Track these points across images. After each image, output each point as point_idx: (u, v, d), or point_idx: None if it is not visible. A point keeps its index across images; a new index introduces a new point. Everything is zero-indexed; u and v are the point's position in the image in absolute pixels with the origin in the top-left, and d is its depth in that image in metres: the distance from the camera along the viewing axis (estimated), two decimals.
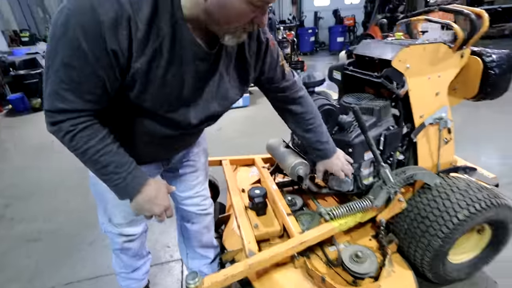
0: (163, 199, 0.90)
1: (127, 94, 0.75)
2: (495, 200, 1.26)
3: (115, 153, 0.80)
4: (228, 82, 0.91)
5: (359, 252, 1.36)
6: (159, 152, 1.06)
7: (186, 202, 1.32)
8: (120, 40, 0.65)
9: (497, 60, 1.31)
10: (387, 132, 1.34)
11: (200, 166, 1.29)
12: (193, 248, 1.47)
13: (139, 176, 0.85)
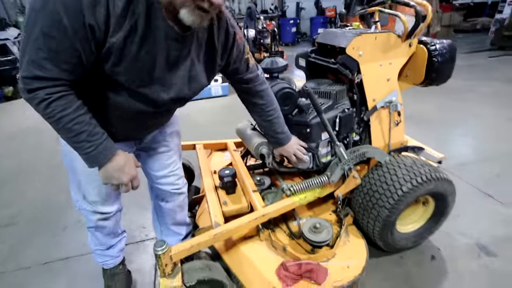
0: (131, 168, 0.96)
1: (102, 66, 0.80)
2: (435, 174, 1.42)
3: (87, 123, 0.85)
4: (198, 68, 0.99)
5: (317, 223, 1.49)
6: (131, 129, 1.09)
7: (160, 181, 1.38)
8: (97, 16, 0.71)
9: (439, 49, 1.45)
10: (342, 114, 1.46)
11: (173, 146, 1.36)
12: (166, 225, 1.53)
13: (110, 147, 0.91)
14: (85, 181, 1.14)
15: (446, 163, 2.39)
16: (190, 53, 0.94)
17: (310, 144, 1.46)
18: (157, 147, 1.30)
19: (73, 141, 0.85)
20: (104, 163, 0.90)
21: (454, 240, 1.75)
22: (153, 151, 1.30)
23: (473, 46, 7.63)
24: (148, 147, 1.29)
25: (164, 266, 1.11)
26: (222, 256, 1.52)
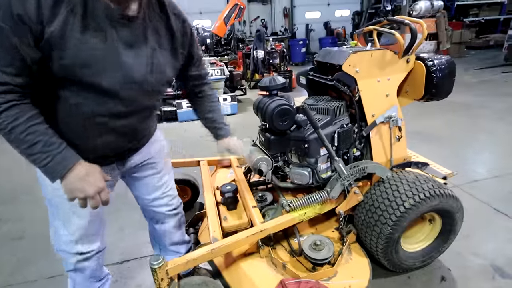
0: (96, 180, 0.88)
1: (51, 66, 0.77)
2: (438, 190, 1.39)
3: (42, 133, 0.80)
4: (161, 57, 0.96)
5: (317, 241, 1.46)
6: (108, 143, 1.01)
7: (154, 204, 1.32)
8: (27, 6, 0.70)
9: (438, 64, 1.46)
10: (341, 129, 1.47)
11: (162, 166, 1.29)
12: (164, 245, 1.48)
13: (69, 156, 0.85)
14: (63, 216, 1.07)
15: (458, 180, 2.33)
16: (148, 40, 0.91)
17: (309, 160, 1.46)
18: (144, 169, 1.23)
19: (28, 153, 0.80)
20: (64, 174, 0.83)
21: (466, 260, 1.66)
22: (141, 174, 1.24)
23: (486, 62, 7.54)
24: (135, 171, 1.21)
25: (160, 280, 1.12)
26: (222, 273, 1.51)
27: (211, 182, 1.91)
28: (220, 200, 1.74)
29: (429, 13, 6.68)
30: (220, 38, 7.76)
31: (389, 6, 7.72)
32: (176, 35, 1.00)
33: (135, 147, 1.14)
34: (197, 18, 10.16)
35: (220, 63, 5.01)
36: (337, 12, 11.52)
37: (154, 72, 0.95)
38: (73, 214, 1.05)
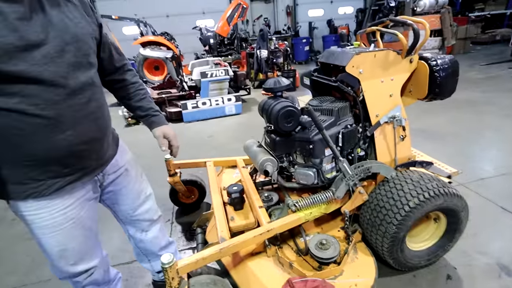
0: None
1: None
2: (443, 189, 1.40)
3: None
4: (65, 18, 0.89)
5: (323, 240, 1.49)
6: (80, 149, 0.96)
7: (138, 212, 1.31)
8: None
9: (441, 64, 1.47)
10: (345, 130, 1.49)
11: (136, 172, 1.29)
12: (154, 254, 1.46)
13: None
14: (52, 246, 1.03)
15: (464, 179, 2.33)
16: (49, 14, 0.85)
17: (314, 160, 1.48)
18: (121, 181, 1.21)
19: None
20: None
21: (472, 259, 1.67)
22: (119, 186, 1.22)
23: (492, 58, 7.44)
24: (113, 185, 1.19)
25: (170, 279, 1.15)
26: (230, 272, 1.54)
27: (217, 183, 1.95)
28: (227, 200, 1.77)
29: (433, 9, 6.61)
30: (223, 38, 7.78)
31: (392, 2, 7.66)
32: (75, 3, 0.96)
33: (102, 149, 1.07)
34: (200, 18, 10.20)
35: (224, 64, 5.04)
36: (340, 9, 11.45)
37: (70, 41, 0.89)
38: (53, 238, 1.01)
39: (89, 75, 0.98)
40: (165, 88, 5.53)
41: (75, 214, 1.03)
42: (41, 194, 0.94)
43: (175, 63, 5.02)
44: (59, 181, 0.96)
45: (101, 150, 1.08)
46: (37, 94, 0.83)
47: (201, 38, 7.86)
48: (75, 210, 1.03)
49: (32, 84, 0.82)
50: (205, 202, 2.42)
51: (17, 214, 0.99)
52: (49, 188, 0.94)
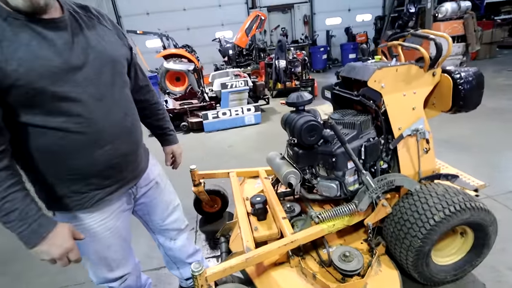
0: (65, 240, 0.89)
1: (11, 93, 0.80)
2: (469, 203, 1.38)
3: (20, 200, 0.82)
4: (102, 42, 0.99)
5: (347, 252, 1.50)
6: (119, 162, 1.04)
7: (167, 222, 1.38)
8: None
9: (464, 77, 1.47)
10: (367, 143, 1.51)
11: (165, 184, 1.36)
12: (183, 262, 1.52)
13: (45, 224, 0.86)
14: (94, 252, 1.12)
15: (492, 191, 2.26)
16: (89, 38, 0.95)
17: (337, 173, 1.51)
18: (152, 193, 1.29)
19: (4, 221, 0.81)
20: (37, 243, 0.84)
21: (501, 275, 1.62)
22: (150, 198, 1.29)
23: None
24: (145, 195, 1.27)
25: (199, 286, 1.21)
26: (253, 281, 1.58)
27: (241, 193, 2.01)
28: (250, 210, 1.83)
29: (455, 14, 6.46)
30: (242, 49, 7.97)
31: (412, 8, 7.55)
32: (108, 27, 1.07)
33: (136, 161, 1.15)
34: (219, 29, 10.49)
35: (243, 75, 5.17)
36: (358, 17, 11.40)
37: (106, 62, 0.99)
38: (92, 247, 1.10)
39: (124, 93, 1.08)
40: (186, 98, 5.72)
41: (112, 225, 1.12)
42: (83, 206, 1.03)
43: (196, 75, 5.20)
44: (99, 193, 1.04)
45: (135, 162, 1.16)
46: (79, 113, 0.91)
47: (220, 49, 8.09)
48: (112, 221, 1.12)
49: (75, 104, 0.90)
50: (228, 212, 2.49)
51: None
52: (90, 200, 1.03)
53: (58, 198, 0.99)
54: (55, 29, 0.88)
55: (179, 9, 10.19)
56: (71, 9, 0.96)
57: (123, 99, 1.07)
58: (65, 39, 0.89)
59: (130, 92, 1.14)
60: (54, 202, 1.01)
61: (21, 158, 0.91)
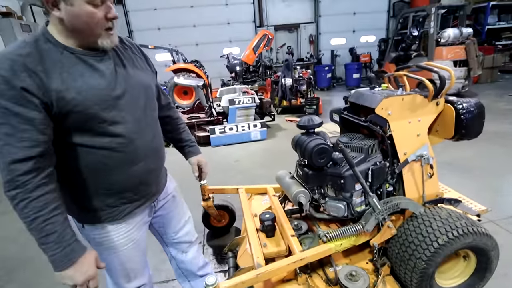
0: (89, 268, 0.94)
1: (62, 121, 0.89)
2: (472, 228, 1.45)
3: (60, 223, 0.87)
4: (138, 70, 1.11)
5: (353, 271, 1.56)
6: (144, 175, 1.12)
7: (179, 235, 1.45)
8: (22, 79, 0.82)
9: (466, 107, 1.57)
10: (375, 167, 1.59)
11: (180, 198, 1.44)
12: (194, 274, 1.57)
13: (77, 249, 0.92)
14: (119, 262, 1.18)
15: (493, 215, 2.31)
16: (127, 67, 1.06)
17: (345, 194, 1.59)
18: (168, 206, 1.36)
19: (41, 241, 0.86)
20: (66, 267, 0.89)
21: None
22: (167, 211, 1.36)
23: None
24: (162, 208, 1.34)
25: None
26: None
27: (249, 209, 2.08)
28: (258, 227, 1.89)
29: (457, 40, 6.66)
30: (249, 66, 8.19)
31: (415, 32, 7.78)
32: (139, 55, 1.19)
33: (160, 176, 1.25)
34: (227, 46, 10.81)
35: (251, 92, 5.32)
36: (363, 38, 11.73)
37: (141, 88, 1.10)
38: (116, 258, 1.16)
39: (154, 115, 1.20)
40: (194, 112, 5.86)
41: (135, 236, 1.19)
42: (113, 219, 1.10)
43: (205, 90, 5.35)
44: (129, 207, 1.13)
45: (159, 177, 1.26)
46: (121, 134, 1.01)
47: (228, 65, 8.32)
48: (135, 232, 1.19)
49: (118, 126, 1.00)
50: (234, 227, 2.54)
51: (88, 237, 1.15)
52: (120, 213, 1.11)
53: (91, 211, 1.07)
54: (102, 61, 0.99)
55: (189, 25, 10.56)
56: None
57: (153, 121, 1.18)
58: (111, 70, 1.01)
59: (157, 115, 1.25)
60: (87, 215, 1.09)
61: (65, 175, 0.99)
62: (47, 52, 0.89)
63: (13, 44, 0.89)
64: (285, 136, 5.27)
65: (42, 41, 0.90)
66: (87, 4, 0.88)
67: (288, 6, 11.07)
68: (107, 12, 0.92)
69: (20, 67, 0.83)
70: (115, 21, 0.97)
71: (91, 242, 1.16)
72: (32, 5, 7.34)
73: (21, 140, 0.83)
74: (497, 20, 10.03)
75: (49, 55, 0.89)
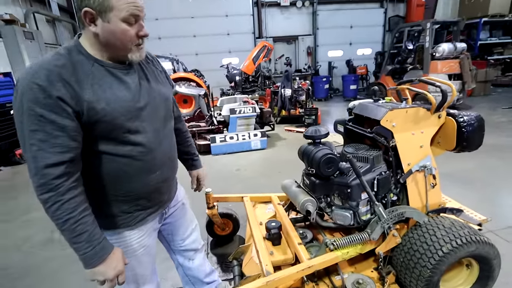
0: (118, 263, 1.00)
1: (91, 129, 0.94)
2: (474, 236, 1.49)
3: (90, 223, 0.93)
4: (158, 83, 1.17)
5: (360, 279, 1.59)
6: (159, 183, 1.16)
7: (186, 242, 1.48)
8: (58, 88, 0.87)
9: (467, 120, 1.64)
10: (380, 176, 1.64)
11: (188, 206, 1.48)
12: (201, 281, 1.59)
13: (107, 246, 0.98)
14: (130, 267, 1.18)
15: (493, 226, 2.36)
16: (148, 80, 1.11)
17: (351, 203, 1.63)
18: (177, 213, 1.40)
19: (73, 241, 0.91)
20: (97, 264, 0.94)
21: None
22: (175, 218, 1.40)
23: None
24: (172, 215, 1.38)
25: None
26: None
27: (255, 218, 2.10)
28: (264, 235, 1.91)
29: (452, 54, 6.87)
30: (248, 76, 8.31)
31: (410, 45, 8.00)
32: (161, 70, 1.26)
33: (172, 185, 1.30)
34: (227, 56, 10.97)
35: (252, 102, 5.40)
36: (359, 50, 12.00)
37: (160, 100, 1.16)
38: (134, 264, 1.18)
39: (171, 126, 1.25)
40: (194, 121, 5.90)
41: (146, 242, 1.22)
42: (127, 225, 1.13)
43: (206, 100, 5.42)
44: (142, 213, 1.16)
45: (172, 185, 1.31)
46: (142, 143, 1.06)
47: (228, 75, 8.43)
48: (146, 238, 1.22)
49: (140, 136, 1.05)
50: (238, 235, 2.55)
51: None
52: (134, 220, 1.14)
53: (108, 217, 1.10)
54: (128, 74, 1.05)
55: (190, 35, 10.72)
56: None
57: (170, 132, 1.24)
58: (136, 83, 1.06)
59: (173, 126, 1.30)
60: (103, 220, 1.10)
61: (87, 181, 1.02)
62: (79, 64, 0.94)
63: (48, 56, 0.94)
64: (285, 146, 5.33)
65: (75, 53, 0.96)
66: (122, 22, 0.94)
67: (287, 19, 11.32)
68: (139, 30, 0.98)
69: (55, 77, 0.88)
70: (145, 38, 1.02)
71: None
72: (35, 13, 7.42)
73: (54, 146, 0.87)
74: (489, 36, 10.38)
75: (82, 67, 0.94)
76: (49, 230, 2.87)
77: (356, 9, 11.49)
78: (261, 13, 10.98)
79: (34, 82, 0.86)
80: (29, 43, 6.53)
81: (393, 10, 11.71)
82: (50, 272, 2.30)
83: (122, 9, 0.92)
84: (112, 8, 0.92)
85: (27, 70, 0.89)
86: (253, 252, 1.94)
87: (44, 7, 8.19)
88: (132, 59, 1.01)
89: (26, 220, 3.12)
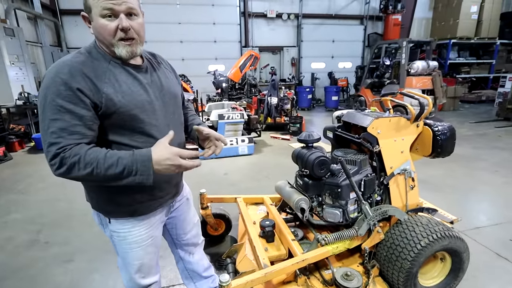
0: (166, 148, 1.02)
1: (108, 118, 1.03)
2: (448, 232, 1.69)
3: (115, 153, 0.99)
4: (168, 82, 1.27)
5: (348, 272, 1.73)
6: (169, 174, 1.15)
7: (188, 236, 1.54)
8: (78, 81, 0.97)
9: (441, 130, 1.86)
10: (366, 178, 1.82)
11: (191, 202, 1.55)
12: (199, 275, 1.67)
13: (143, 151, 1.01)
14: (132, 259, 1.26)
15: (462, 227, 2.61)
16: (160, 79, 1.21)
17: (341, 202, 1.78)
18: (182, 207, 1.47)
19: (119, 172, 0.96)
20: (152, 165, 0.99)
21: None
22: (180, 212, 1.47)
23: (480, 116, 8.15)
24: (177, 209, 1.45)
25: None
26: None
27: (249, 217, 2.20)
28: (259, 233, 2.02)
29: (425, 71, 7.42)
30: (234, 83, 8.46)
31: (388, 61, 8.53)
32: (170, 71, 1.37)
33: (180, 178, 1.39)
34: (213, 63, 11.08)
35: (240, 108, 5.53)
36: (340, 63, 12.55)
37: (170, 97, 1.26)
38: (136, 252, 1.25)
39: (180, 120, 1.36)
40: None
41: (153, 233, 1.30)
42: (138, 214, 1.21)
43: (195, 105, 5.48)
44: (154, 203, 1.25)
45: (179, 178, 1.40)
46: (155, 135, 1.14)
47: (214, 81, 8.52)
48: (154, 229, 1.30)
49: (153, 128, 1.15)
50: (230, 236, 2.63)
51: (112, 232, 1.24)
52: (146, 209, 1.23)
53: (121, 205, 1.18)
54: (141, 72, 1.16)
55: (176, 41, 10.75)
56: (147, 56, 1.26)
57: (179, 126, 1.34)
58: (147, 80, 1.17)
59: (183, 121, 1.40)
60: (116, 209, 1.19)
61: None
62: (97, 61, 1.06)
63: (70, 55, 1.05)
64: (271, 152, 5.48)
65: (94, 52, 1.08)
66: (101, 18, 1.02)
67: (273, 30, 11.66)
68: (119, 24, 1.03)
69: (76, 71, 0.99)
70: (130, 33, 1.05)
71: (115, 237, 1.24)
72: (17, 9, 7.19)
73: (72, 133, 0.96)
74: (457, 56, 11.27)
75: (100, 64, 1.06)
76: (32, 231, 2.81)
77: (338, 24, 12.05)
78: (248, 23, 11.24)
79: (58, 76, 0.96)
80: (9, 39, 6.33)
81: (372, 27, 12.41)
82: (39, 271, 2.26)
83: (97, 5, 1.00)
84: (91, 7, 1.01)
85: (52, 67, 1.00)
86: (247, 250, 2.04)
87: (26, 4, 7.97)
88: (120, 55, 1.06)
89: (5, 221, 3.01)
